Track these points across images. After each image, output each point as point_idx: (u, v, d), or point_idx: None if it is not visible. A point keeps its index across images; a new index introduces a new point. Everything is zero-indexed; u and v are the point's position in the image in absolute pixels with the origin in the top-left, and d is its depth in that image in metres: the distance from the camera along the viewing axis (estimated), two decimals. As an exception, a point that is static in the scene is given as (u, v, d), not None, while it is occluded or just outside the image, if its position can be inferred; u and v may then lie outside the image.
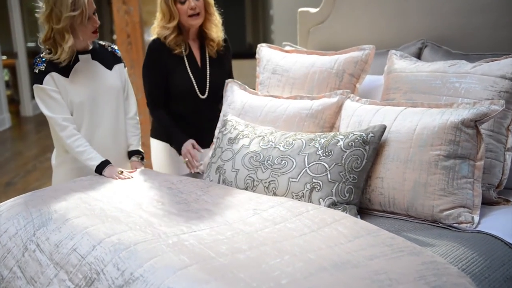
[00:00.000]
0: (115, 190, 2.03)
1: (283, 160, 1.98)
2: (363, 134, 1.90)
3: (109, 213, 1.78)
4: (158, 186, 2.06)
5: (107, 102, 2.33)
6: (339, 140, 1.91)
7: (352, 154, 1.87)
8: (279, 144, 2.04)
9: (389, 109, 2.01)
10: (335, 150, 1.89)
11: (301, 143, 1.99)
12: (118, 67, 2.41)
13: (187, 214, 1.76)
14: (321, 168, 1.89)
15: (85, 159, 2.23)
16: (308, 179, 1.89)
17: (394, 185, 1.87)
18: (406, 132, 1.88)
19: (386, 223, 1.83)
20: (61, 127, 2.22)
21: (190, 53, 2.56)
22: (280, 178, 1.95)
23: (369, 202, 1.95)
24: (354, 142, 1.89)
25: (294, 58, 2.61)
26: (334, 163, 1.88)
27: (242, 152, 2.12)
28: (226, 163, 2.14)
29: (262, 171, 2.01)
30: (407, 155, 1.85)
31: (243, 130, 2.21)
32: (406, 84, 2.20)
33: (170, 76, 2.54)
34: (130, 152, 2.45)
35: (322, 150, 1.92)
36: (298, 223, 1.61)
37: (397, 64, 2.30)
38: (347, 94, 2.24)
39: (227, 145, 2.20)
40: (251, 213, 1.72)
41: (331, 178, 1.87)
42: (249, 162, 2.06)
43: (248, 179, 2.04)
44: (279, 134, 2.10)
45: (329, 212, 1.69)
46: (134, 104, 2.48)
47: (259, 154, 2.05)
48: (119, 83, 2.38)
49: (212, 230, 1.60)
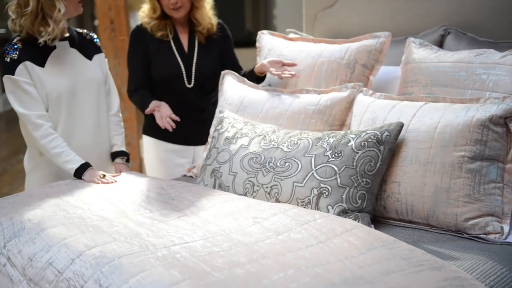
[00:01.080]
0: (97, 196, 2.03)
1: (287, 162, 1.98)
2: (377, 132, 1.90)
3: (90, 222, 1.77)
4: (146, 192, 2.06)
5: (87, 96, 2.33)
6: (350, 139, 1.91)
7: (365, 156, 1.87)
8: (282, 144, 2.04)
9: (406, 105, 2.01)
10: (346, 151, 1.89)
11: (307, 143, 1.99)
12: (98, 57, 2.41)
13: (178, 223, 1.76)
14: (329, 171, 1.89)
15: (62, 162, 2.23)
16: (315, 184, 1.89)
17: (412, 190, 1.87)
18: (426, 131, 1.88)
19: (403, 234, 1.83)
20: (35, 126, 2.21)
21: (176, 37, 2.64)
22: (284, 182, 1.95)
23: (384, 210, 1.95)
24: (367, 142, 1.89)
25: (299, 47, 2.60)
26: (345, 166, 1.87)
27: (240, 153, 2.12)
28: (223, 166, 2.14)
29: (263, 174, 2.01)
30: (427, 156, 1.85)
31: (241, 129, 2.21)
32: (426, 76, 2.20)
33: (154, 61, 2.62)
34: (114, 153, 2.45)
35: (331, 151, 1.92)
36: (304, 233, 1.61)
37: (416, 54, 2.30)
38: (359, 88, 2.24)
39: (224, 145, 2.20)
40: (251, 222, 1.72)
41: (341, 182, 1.87)
42: (248, 164, 2.06)
43: (248, 184, 2.04)
44: (282, 133, 2.10)
45: (339, 221, 1.69)
46: (116, 99, 2.49)
47: (260, 156, 2.05)
48: (100, 75, 2.39)
49: (206, 241, 1.60)
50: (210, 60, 2.66)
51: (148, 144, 2.78)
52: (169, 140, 2.71)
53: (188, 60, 2.64)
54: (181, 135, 2.67)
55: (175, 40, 2.63)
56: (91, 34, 2.45)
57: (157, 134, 2.72)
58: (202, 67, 2.64)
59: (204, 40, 2.66)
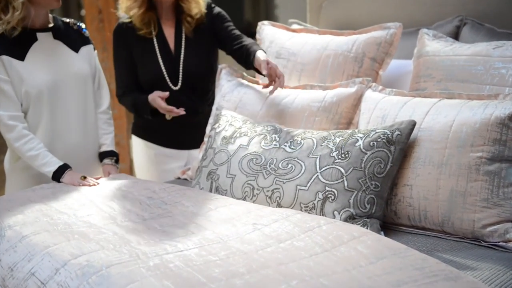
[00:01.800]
0: (83, 201, 2.03)
1: (290, 163, 1.98)
2: (388, 132, 1.90)
3: (75, 228, 1.77)
4: (137, 195, 2.06)
5: (73, 93, 2.33)
6: (358, 139, 1.91)
7: (374, 157, 1.87)
8: (284, 143, 2.04)
9: (419, 101, 2.01)
10: (353, 151, 1.89)
11: (312, 142, 1.99)
12: (86, 49, 2.40)
13: (171, 230, 1.76)
14: (336, 174, 1.89)
15: (38, 165, 2.23)
16: (320, 187, 1.89)
17: (425, 194, 1.87)
18: (441, 130, 1.88)
19: (416, 241, 1.83)
20: (8, 128, 2.21)
21: (161, 34, 2.58)
22: (286, 185, 1.95)
23: (395, 216, 1.95)
24: (377, 142, 1.89)
25: (303, 39, 2.61)
26: (352, 168, 1.87)
27: (239, 153, 2.12)
28: (220, 168, 2.14)
29: (263, 177, 2.01)
30: (441, 157, 1.85)
31: (240, 127, 2.21)
32: (441, 71, 2.20)
33: (138, 64, 2.59)
34: (102, 153, 2.45)
35: (337, 152, 1.92)
36: (308, 240, 1.61)
37: (430, 46, 2.30)
38: (368, 83, 2.24)
39: (221, 146, 2.20)
40: (250, 228, 1.72)
41: (348, 185, 1.87)
42: (248, 166, 2.06)
43: (247, 187, 2.04)
44: (284, 132, 2.10)
45: (346, 227, 1.69)
46: (107, 95, 2.49)
47: (260, 156, 2.05)
48: (87, 69, 2.38)
49: (202, 249, 1.60)
50: (199, 57, 2.61)
51: (138, 146, 2.77)
52: (161, 143, 2.69)
53: (175, 59, 2.59)
54: (173, 139, 2.66)
55: (159, 38, 2.58)
56: (79, 24, 2.44)
57: (147, 135, 2.70)
58: (191, 66, 2.59)
59: (192, 33, 2.59)
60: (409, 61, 2.46)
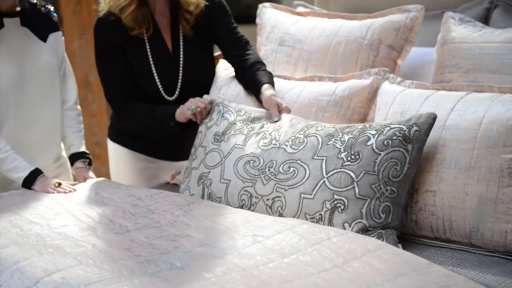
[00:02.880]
0: (58, 209, 2.03)
1: (291, 166, 1.97)
2: (404, 127, 1.89)
3: (49, 241, 1.77)
4: (119, 203, 2.06)
5: (40, 88, 2.32)
6: (370, 137, 1.90)
7: (389, 158, 1.87)
8: (285, 142, 2.03)
9: (444, 95, 2.01)
10: (365, 152, 1.89)
11: (316, 141, 1.98)
12: (54, 37, 2.38)
13: (159, 242, 1.76)
14: (345, 179, 1.88)
15: (6, 170, 2.22)
16: (328, 195, 1.89)
17: (451, 202, 1.87)
18: (468, 128, 1.88)
19: (439, 255, 1.83)
20: None
21: (157, 34, 2.47)
22: (288, 193, 1.94)
23: (415, 226, 1.94)
24: (392, 141, 1.88)
25: (310, 24, 2.60)
26: (364, 171, 1.87)
27: (234, 154, 2.11)
28: (212, 171, 2.14)
29: (262, 182, 2.00)
30: (469, 159, 1.85)
31: (235, 122, 2.19)
32: (468, 60, 2.20)
33: (130, 66, 2.47)
34: (73, 155, 2.44)
35: (346, 153, 1.91)
36: (316, 255, 1.61)
37: (456, 32, 2.30)
38: (385, 74, 2.24)
39: (213, 144, 2.19)
40: (250, 240, 1.72)
41: (359, 193, 1.86)
42: (244, 169, 2.06)
43: (244, 195, 2.03)
44: (286, 127, 2.09)
45: (360, 240, 1.69)
46: (73, 88, 2.46)
47: (259, 158, 2.05)
48: (55, 61, 2.37)
49: (195, 264, 1.59)
50: (201, 60, 2.53)
51: (116, 154, 2.69)
52: (153, 154, 2.61)
53: (174, 65, 2.48)
54: (162, 151, 2.61)
55: (154, 38, 2.46)
56: (48, 6, 2.39)
57: (129, 143, 2.62)
58: (192, 71, 2.49)
59: (191, 31, 2.49)
60: (432, 49, 2.45)
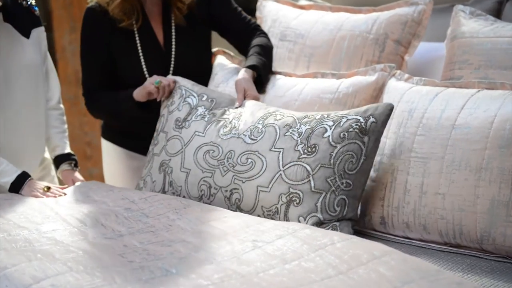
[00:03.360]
0: (47, 213, 2.03)
1: (249, 158, 2.00)
2: (361, 119, 1.93)
3: (38, 246, 1.77)
4: (112, 207, 2.06)
5: (23, 87, 2.31)
6: (327, 128, 1.94)
7: (345, 151, 1.91)
8: (244, 132, 2.05)
9: (454, 93, 2.01)
10: (321, 144, 1.93)
11: (274, 131, 2.00)
12: (37, 32, 2.38)
13: (154, 248, 1.76)
14: (301, 172, 1.92)
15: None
16: (284, 189, 1.92)
17: (461, 205, 1.87)
18: (480, 127, 1.88)
19: (449, 261, 1.84)
20: None
21: (147, 24, 2.51)
22: (246, 185, 1.98)
23: (423, 231, 1.95)
24: (348, 133, 1.92)
25: (313, 18, 2.61)
26: (319, 165, 1.91)
27: (194, 142, 2.13)
28: (173, 158, 2.15)
29: (221, 173, 2.03)
30: (480, 160, 1.85)
31: (196, 107, 2.21)
32: (480, 55, 2.20)
33: (117, 61, 2.53)
34: (58, 157, 2.44)
35: (302, 145, 1.94)
36: (319, 261, 1.61)
37: (466, 26, 2.30)
38: (391, 70, 2.24)
39: (175, 130, 2.21)
40: (250, 246, 1.72)
41: (315, 186, 1.90)
42: (203, 159, 2.08)
43: (203, 185, 2.06)
44: (246, 115, 2.10)
45: (365, 245, 1.69)
46: (56, 86, 2.47)
47: (218, 147, 2.07)
48: (38, 58, 2.36)
49: (191, 271, 1.60)
50: (195, 52, 2.55)
51: (110, 153, 2.72)
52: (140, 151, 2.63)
53: (165, 58, 2.52)
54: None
55: (143, 31, 2.49)
56: (29, 1, 2.40)
57: (123, 142, 2.65)
58: (185, 64, 2.52)
59: (184, 20, 2.52)
60: (441, 44, 2.46)
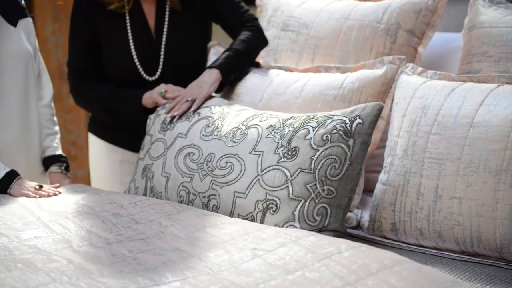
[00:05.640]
0: (29, 218, 2.03)
1: (228, 162, 2.01)
2: (346, 119, 1.93)
3: (18, 255, 1.77)
4: (99, 212, 2.06)
5: (12, 79, 2.33)
6: (310, 130, 1.95)
7: (327, 154, 1.92)
8: (226, 134, 2.06)
9: (471, 88, 2.01)
10: (302, 147, 1.93)
11: (257, 133, 2.01)
12: (25, 23, 2.40)
13: (145, 257, 1.76)
14: (279, 177, 1.93)
15: None
16: (261, 195, 1.94)
17: (479, 210, 1.87)
18: (500, 125, 1.88)
19: (466, 271, 1.83)
20: None
21: (137, 8, 2.54)
22: (223, 191, 1.99)
23: (438, 238, 1.95)
24: (331, 135, 1.92)
25: (317, 6, 2.61)
26: (299, 169, 1.91)
27: (176, 145, 2.14)
28: (155, 162, 2.17)
29: (200, 178, 2.05)
30: (500, 161, 1.85)
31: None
32: (499, 47, 2.20)
33: (104, 46, 2.57)
34: (47, 159, 2.45)
35: (282, 148, 1.95)
36: (325, 271, 1.61)
37: (485, 15, 2.30)
38: (401, 63, 2.24)
39: (160, 133, 2.23)
40: (249, 255, 1.72)
41: (293, 193, 1.91)
42: (184, 162, 2.09)
43: (182, 190, 2.08)
44: (231, 116, 2.12)
45: (375, 253, 1.69)
46: (48, 84, 2.48)
47: (199, 150, 2.08)
48: (29, 48, 2.37)
49: (185, 282, 1.60)
50: (187, 37, 2.58)
51: (96, 148, 2.75)
52: (129, 146, 2.65)
53: (155, 41, 2.56)
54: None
55: (134, 13, 2.53)
56: None
57: (110, 137, 2.68)
58: (175, 50, 2.57)
59: (179, 4, 2.55)
60: (458, 35, 2.46)
